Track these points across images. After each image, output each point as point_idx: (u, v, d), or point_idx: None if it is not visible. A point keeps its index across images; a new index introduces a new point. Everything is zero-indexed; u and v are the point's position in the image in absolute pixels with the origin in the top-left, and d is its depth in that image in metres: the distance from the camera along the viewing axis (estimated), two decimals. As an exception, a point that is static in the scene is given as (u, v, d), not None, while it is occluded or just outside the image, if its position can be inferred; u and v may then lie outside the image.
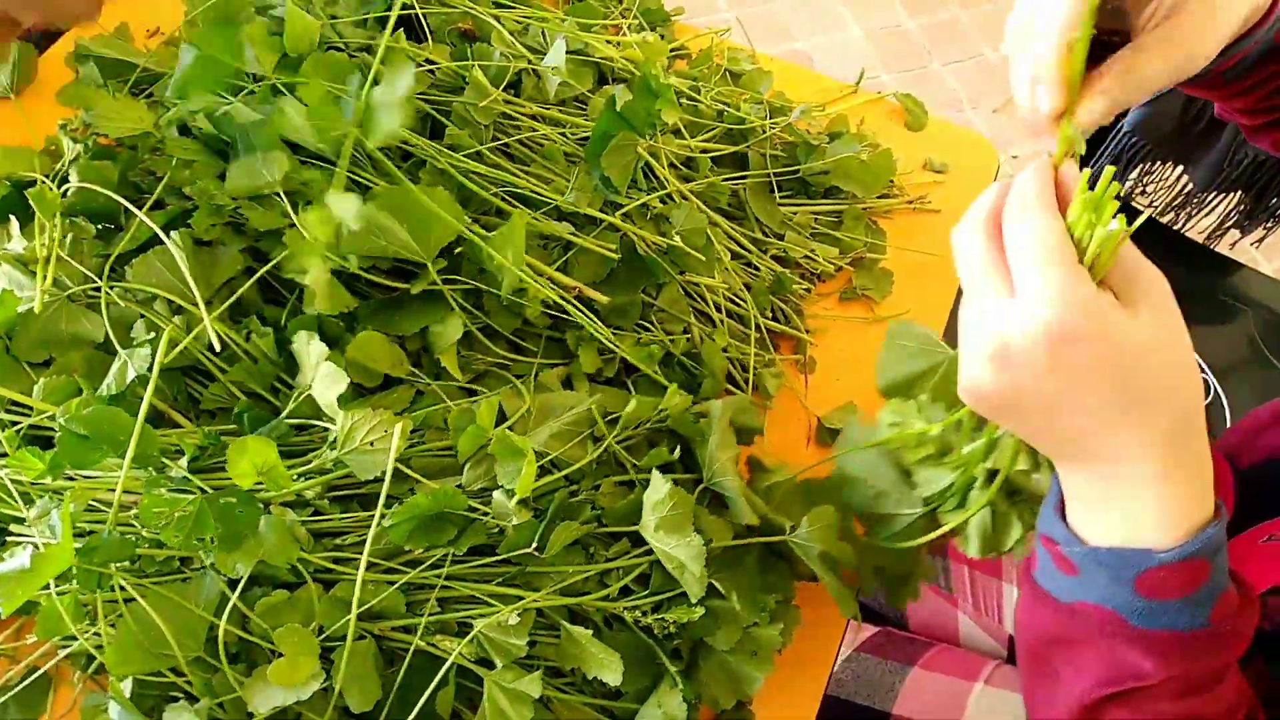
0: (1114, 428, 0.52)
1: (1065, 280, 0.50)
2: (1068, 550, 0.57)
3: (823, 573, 0.77)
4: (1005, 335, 0.51)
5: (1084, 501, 0.56)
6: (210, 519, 0.70)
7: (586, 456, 0.79)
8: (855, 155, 1.06)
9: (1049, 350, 0.50)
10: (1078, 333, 0.49)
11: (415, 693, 0.73)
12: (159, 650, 0.70)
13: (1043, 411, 0.53)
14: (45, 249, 0.82)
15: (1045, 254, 0.51)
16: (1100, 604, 0.55)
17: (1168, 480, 0.53)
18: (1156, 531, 0.53)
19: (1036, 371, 0.51)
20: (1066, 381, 0.51)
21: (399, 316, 0.83)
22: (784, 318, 1.00)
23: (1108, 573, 0.54)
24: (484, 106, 0.91)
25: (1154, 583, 0.53)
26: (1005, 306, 0.51)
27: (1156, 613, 0.54)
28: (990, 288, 0.53)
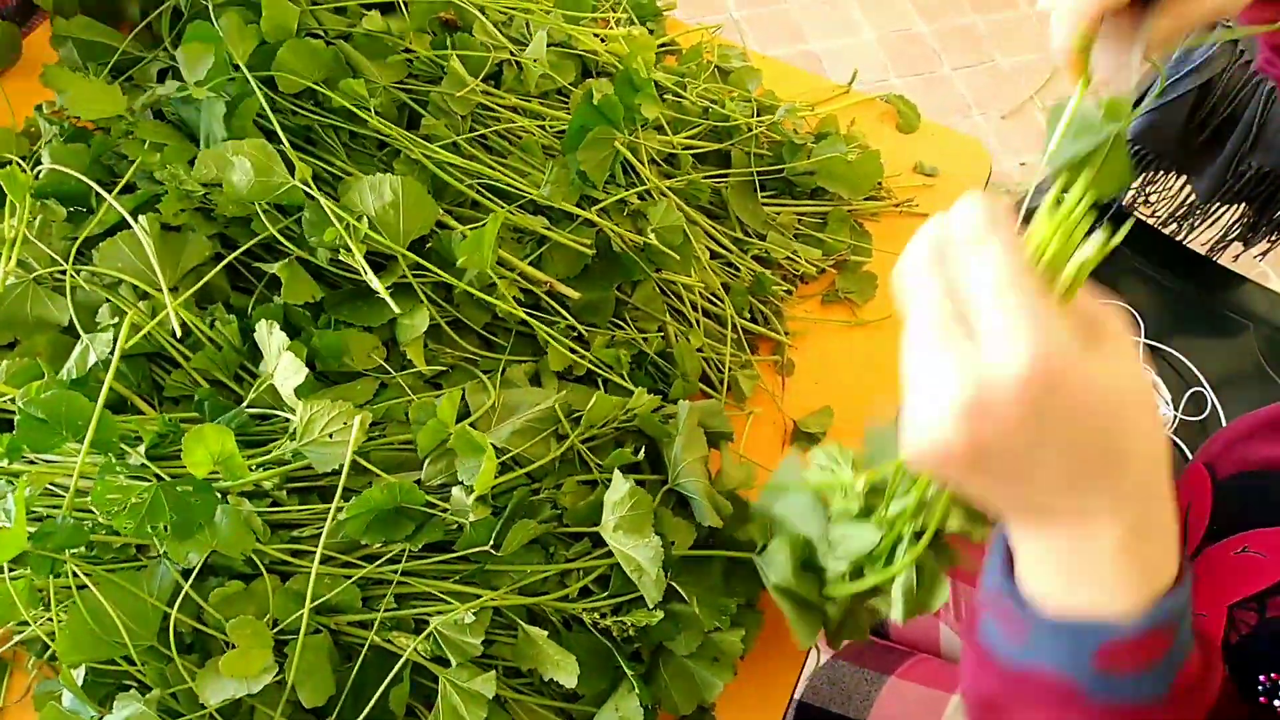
0: (1087, 484, 0.48)
1: (1038, 320, 0.44)
2: (1022, 614, 0.52)
3: (781, 601, 0.74)
4: (977, 385, 0.45)
5: (1041, 566, 0.52)
6: (165, 507, 0.69)
7: (549, 455, 0.78)
8: (842, 156, 1.05)
9: (1029, 400, 0.44)
10: (1056, 380, 0.44)
11: (369, 689, 0.72)
12: (111, 638, 0.69)
13: (1013, 470, 0.47)
14: (13, 230, 0.81)
15: (1011, 290, 0.45)
16: (1054, 672, 0.51)
17: (1136, 542, 0.49)
18: (1121, 600, 0.49)
19: (1009, 426, 0.45)
20: (1042, 434, 0.45)
21: (366, 307, 0.82)
22: (763, 319, 0.99)
23: (1060, 643, 0.51)
24: (461, 97, 0.90)
25: (1114, 656, 0.49)
26: (972, 353, 0.45)
27: (1116, 685, 0.50)
28: (950, 334, 0.46)
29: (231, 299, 0.84)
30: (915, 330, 0.48)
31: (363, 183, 0.80)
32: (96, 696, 0.72)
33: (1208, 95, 1.50)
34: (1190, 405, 1.55)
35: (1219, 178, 1.59)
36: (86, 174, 0.84)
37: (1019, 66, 2.82)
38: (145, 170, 0.84)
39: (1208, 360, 1.59)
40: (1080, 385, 0.45)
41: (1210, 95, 1.50)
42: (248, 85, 0.84)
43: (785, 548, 0.71)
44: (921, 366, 0.47)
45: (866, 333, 1.02)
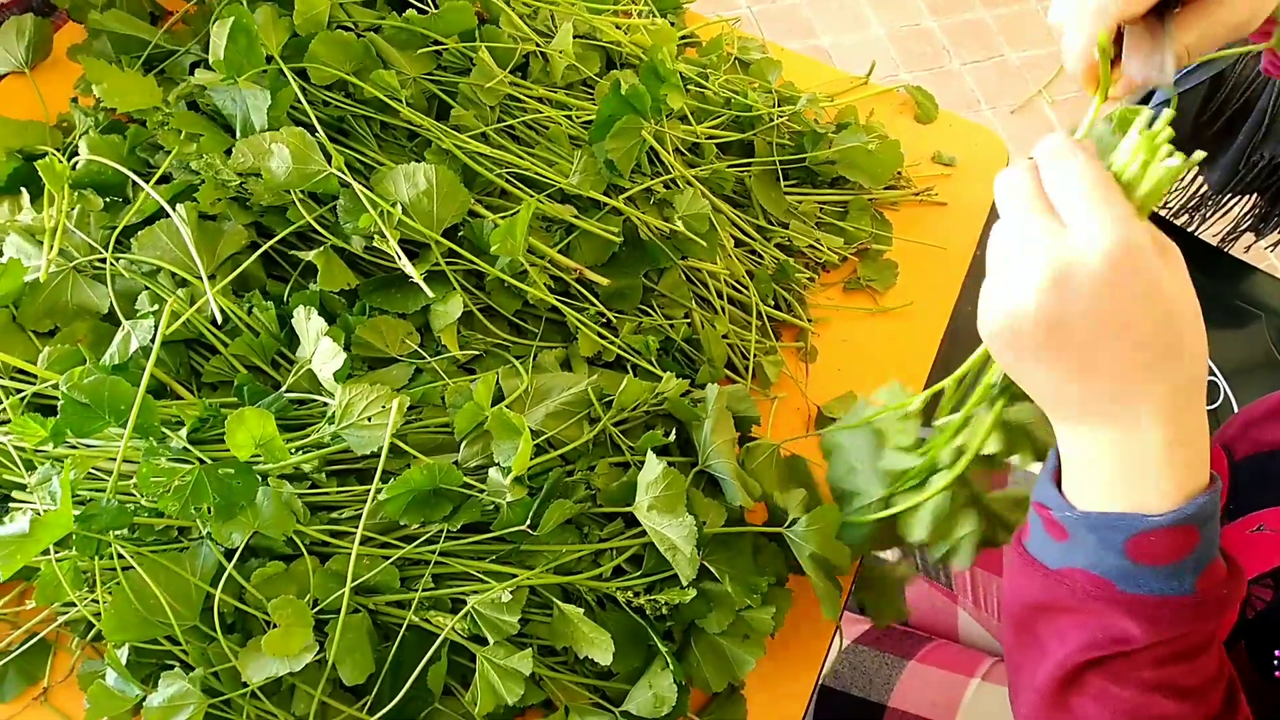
0: (1147, 374, 0.52)
1: (1122, 213, 0.50)
2: (1059, 515, 0.57)
3: (812, 571, 0.77)
4: (1064, 259, 0.50)
5: (1087, 467, 0.56)
6: (208, 489, 0.71)
7: (582, 436, 0.79)
8: (863, 145, 1.06)
9: (1110, 276, 0.49)
10: (1138, 263, 0.49)
11: (407, 667, 0.73)
12: (155, 618, 0.71)
13: (1084, 348, 0.51)
14: (53, 220, 0.82)
15: (1097, 189, 0.51)
16: (1088, 569, 0.56)
17: (1174, 445, 0.53)
18: (1156, 496, 0.53)
19: (1091, 298, 0.50)
20: (1117, 313, 0.50)
21: (400, 294, 0.84)
22: (786, 306, 1.00)
23: (1097, 537, 0.55)
24: (490, 88, 0.92)
25: (1143, 547, 0.53)
26: (1061, 234, 0.51)
27: (1144, 577, 0.54)
28: (1041, 218, 0.52)
29: (268, 286, 0.86)
30: (1006, 216, 0.54)
31: (397, 171, 0.81)
32: (140, 675, 0.73)
33: (1220, 87, 1.51)
34: (1203, 394, 1.55)
35: (1231, 169, 1.60)
36: (123, 165, 0.85)
37: (1028, 61, 2.83)
38: (181, 160, 0.86)
39: (1220, 350, 1.60)
40: (1153, 276, 0.50)
41: (1222, 87, 1.51)
42: (281, 77, 0.85)
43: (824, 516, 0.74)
44: (1009, 244, 0.53)
45: (888, 320, 1.03)
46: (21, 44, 1.06)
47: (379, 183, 0.82)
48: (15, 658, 0.78)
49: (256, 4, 0.88)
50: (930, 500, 0.69)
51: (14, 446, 0.77)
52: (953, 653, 1.10)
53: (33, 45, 1.06)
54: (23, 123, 0.98)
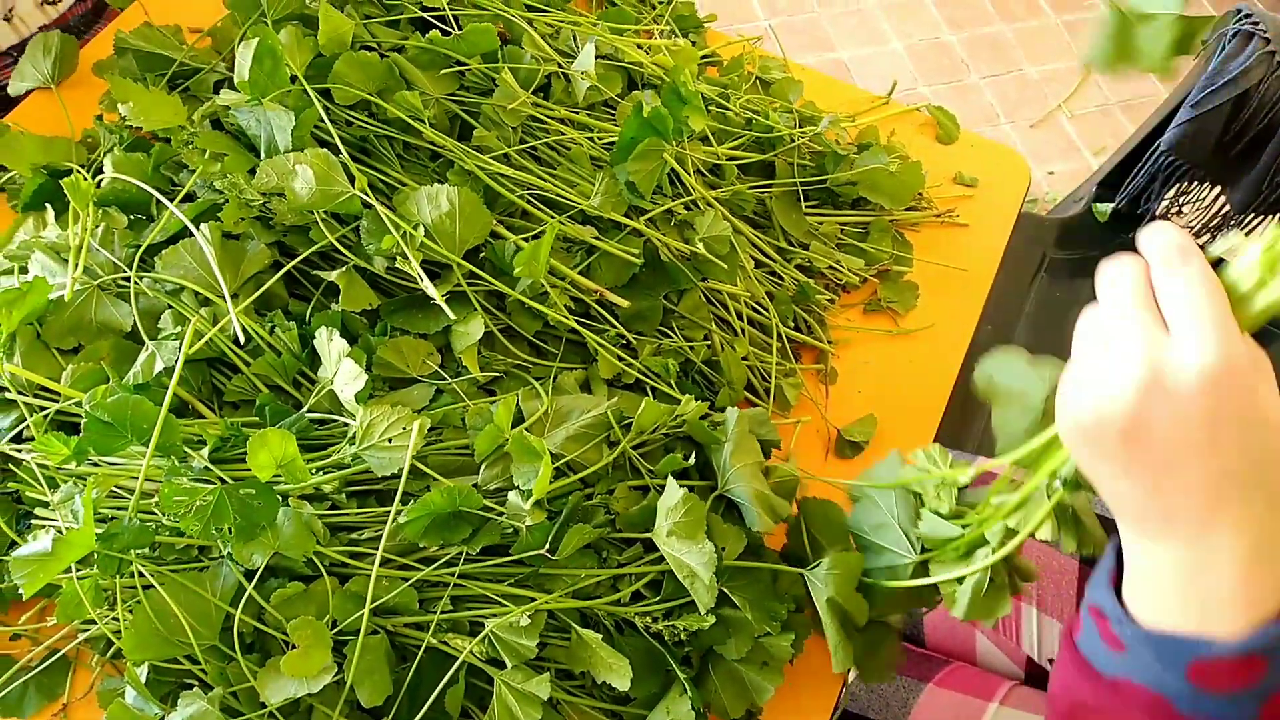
0: (1226, 503, 0.50)
1: (1231, 330, 0.49)
2: (1118, 629, 0.55)
3: (828, 618, 0.76)
4: (1161, 365, 0.49)
5: (1154, 578, 0.54)
6: (229, 509, 0.71)
7: (602, 460, 0.79)
8: (884, 167, 1.06)
9: (1205, 392, 0.48)
10: (1237, 385, 0.48)
11: (425, 689, 0.73)
12: (175, 637, 0.71)
13: (1165, 459, 0.50)
14: (78, 238, 0.83)
15: (1210, 299, 0.49)
16: (1147, 685, 0.53)
17: (1250, 570, 0.51)
18: (1225, 622, 0.51)
19: (1183, 411, 0.49)
20: (1206, 432, 0.49)
21: (421, 315, 0.84)
22: (807, 328, 1.00)
23: (1159, 656, 0.52)
24: (512, 109, 0.92)
25: (1207, 673, 0.51)
26: (1164, 339, 0.50)
27: (1206, 703, 0.52)
28: (1145, 317, 0.50)
29: (290, 306, 0.86)
30: (1107, 307, 0.52)
31: (420, 193, 0.82)
32: (159, 694, 0.73)
33: (1244, 106, 1.50)
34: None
35: (1254, 189, 1.59)
36: (147, 183, 0.86)
37: (1047, 75, 2.82)
38: (205, 179, 0.86)
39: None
40: (1251, 398, 0.48)
41: (1247, 106, 1.50)
42: (304, 97, 0.86)
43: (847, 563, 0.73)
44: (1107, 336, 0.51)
45: (909, 342, 1.03)
46: (48, 60, 1.07)
47: (402, 204, 0.82)
48: (36, 674, 0.78)
49: (282, 24, 0.89)
50: (972, 578, 0.68)
51: (37, 464, 0.77)
52: (971, 676, 1.09)
53: (59, 61, 1.07)
54: (49, 139, 0.99)
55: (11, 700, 0.78)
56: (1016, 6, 2.99)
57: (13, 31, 1.22)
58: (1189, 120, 1.54)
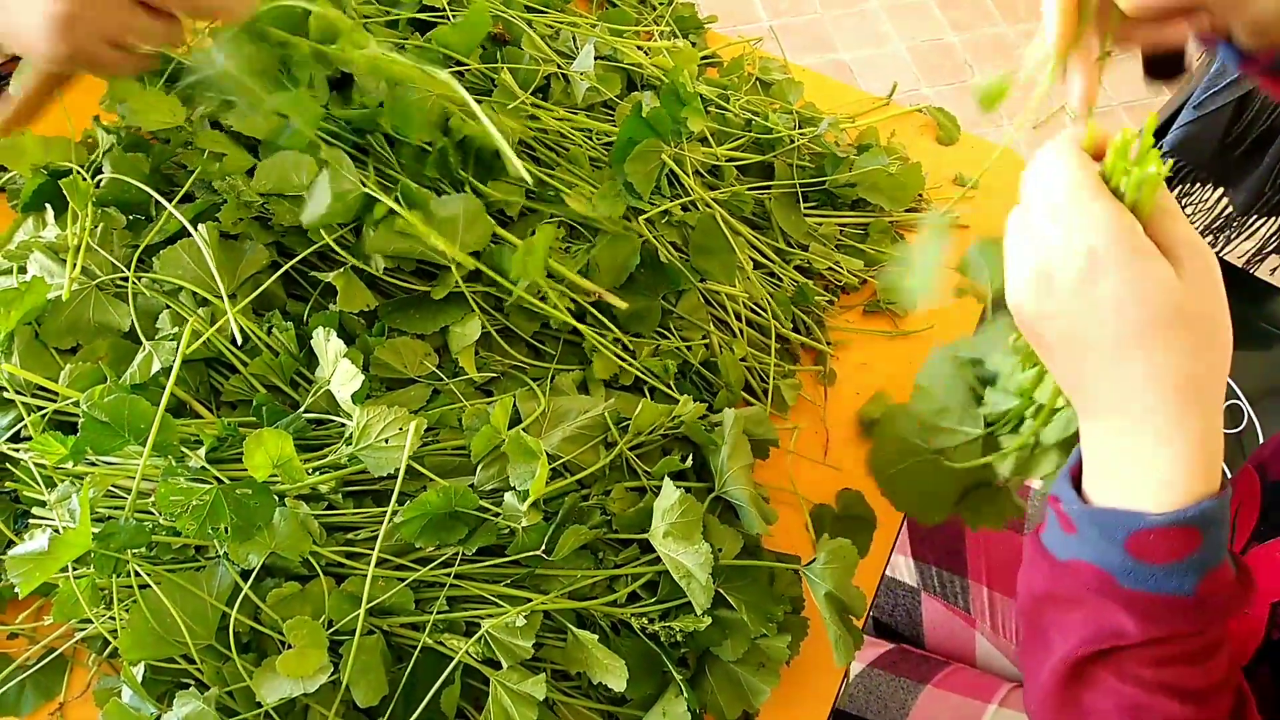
0: (1122, 366, 0.53)
1: (1102, 209, 0.52)
2: (1067, 508, 0.58)
3: (827, 612, 0.76)
4: (1043, 257, 0.54)
5: (1094, 459, 0.57)
6: (225, 509, 0.71)
7: (599, 461, 0.79)
8: (883, 168, 1.06)
9: (1080, 276, 0.52)
10: (1109, 261, 0.51)
11: (421, 690, 0.73)
12: (172, 637, 0.71)
13: (1067, 340, 0.55)
14: (76, 238, 0.83)
15: (1076, 190, 0.53)
16: (1092, 562, 0.56)
17: (1173, 443, 0.53)
18: (1156, 495, 0.54)
19: (1064, 296, 0.53)
20: (1089, 307, 0.52)
21: (419, 315, 0.84)
22: (805, 329, 1.00)
23: (1101, 531, 0.55)
24: (511, 109, 0.92)
25: (1143, 544, 0.54)
26: (1048, 229, 0.54)
27: (1144, 574, 0.54)
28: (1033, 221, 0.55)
29: (288, 306, 0.86)
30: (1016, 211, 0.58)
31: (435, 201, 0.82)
32: (155, 694, 0.73)
33: (1246, 107, 1.50)
34: (1226, 417, 1.54)
35: (1256, 190, 1.58)
36: (146, 183, 0.86)
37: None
38: (204, 180, 0.86)
39: (1244, 373, 1.59)
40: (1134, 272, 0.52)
41: (1249, 108, 1.50)
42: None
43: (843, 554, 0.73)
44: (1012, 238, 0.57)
45: (908, 343, 1.03)
46: (49, 60, 1.07)
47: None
48: (33, 673, 0.78)
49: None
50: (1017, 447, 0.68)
51: (34, 463, 0.78)
52: (970, 677, 1.09)
53: (60, 62, 1.07)
54: (48, 139, 0.98)
55: (9, 699, 0.78)
56: (1020, 7, 2.98)
57: None
58: (1191, 121, 1.54)
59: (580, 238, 0.91)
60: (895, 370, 1.01)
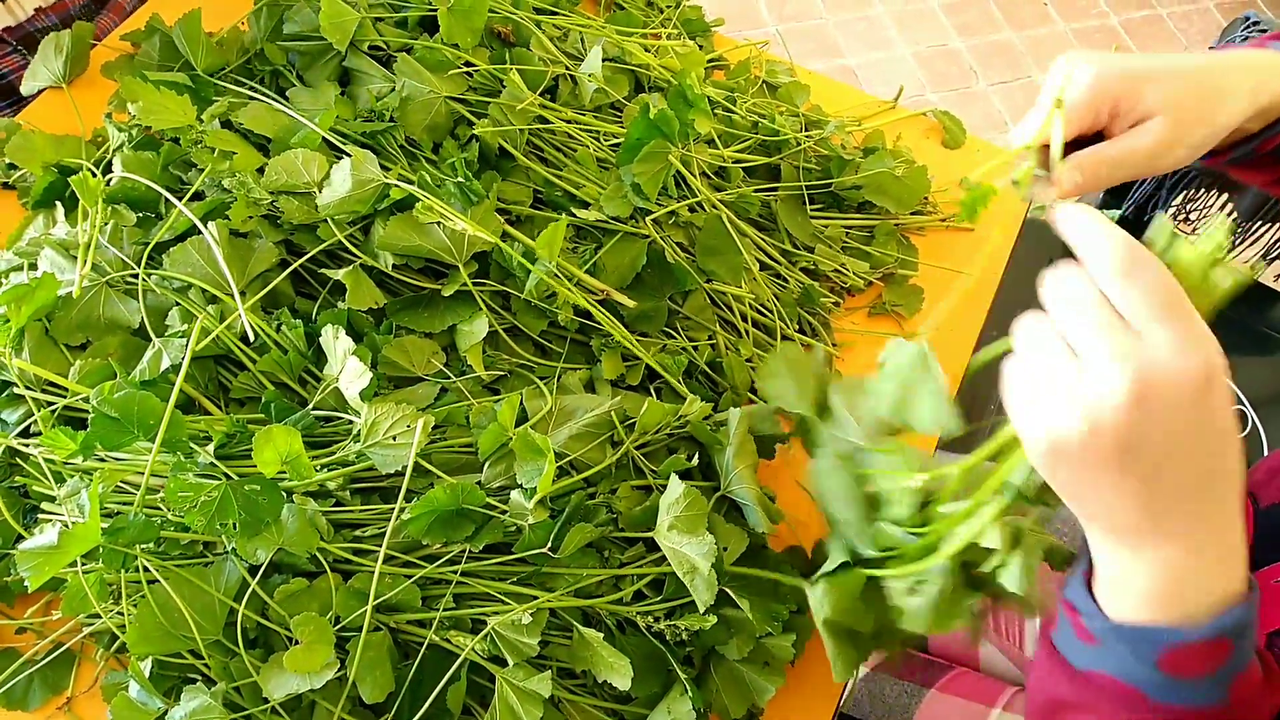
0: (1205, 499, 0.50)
1: (1204, 327, 0.48)
2: (1089, 623, 0.55)
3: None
4: (1153, 372, 0.47)
5: (1126, 577, 0.54)
6: (234, 505, 0.71)
7: (605, 460, 0.80)
8: (889, 171, 1.06)
9: (1198, 394, 0.47)
10: (1217, 380, 0.47)
11: (427, 686, 0.73)
12: (179, 632, 0.71)
13: (1157, 468, 0.49)
14: (86, 235, 0.83)
15: (1179, 300, 0.48)
16: (1117, 676, 0.54)
17: (1221, 562, 0.52)
18: (1198, 611, 0.52)
19: (1177, 416, 0.47)
20: (1197, 427, 0.47)
21: (427, 314, 0.84)
22: (811, 331, 1.00)
23: (1130, 648, 0.53)
24: (519, 110, 0.92)
25: (1177, 660, 0.52)
26: (1142, 346, 0.47)
27: (1175, 689, 0.52)
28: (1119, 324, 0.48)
29: (296, 304, 0.86)
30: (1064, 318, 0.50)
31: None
32: (162, 689, 0.74)
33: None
34: (1230, 423, 1.54)
35: (1261, 196, 1.58)
36: (156, 181, 0.86)
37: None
38: (214, 178, 0.87)
39: (1248, 379, 1.59)
40: (1227, 395, 0.48)
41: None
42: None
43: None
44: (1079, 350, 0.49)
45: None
46: (59, 59, 1.08)
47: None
48: (41, 667, 0.79)
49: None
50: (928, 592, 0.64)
51: (44, 459, 0.78)
52: (974, 682, 1.09)
53: (70, 60, 1.08)
54: (59, 137, 0.99)
55: (16, 693, 0.78)
56: (1025, 14, 2.99)
57: (8, 14, 1.22)
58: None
59: (588, 238, 0.91)
60: (900, 372, 1.01)
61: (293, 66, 0.98)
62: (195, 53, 0.97)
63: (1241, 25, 1.47)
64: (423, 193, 0.81)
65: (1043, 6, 3.01)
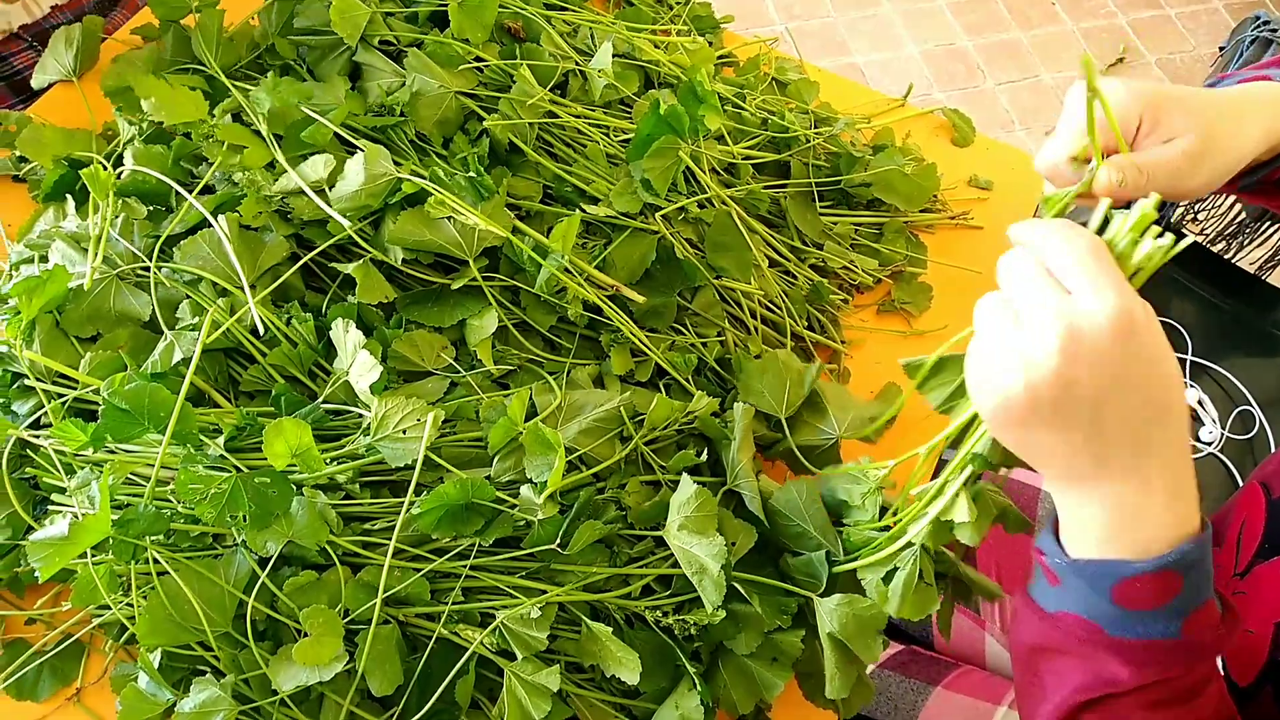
0: (1149, 436, 0.54)
1: (1122, 281, 0.53)
2: (1051, 562, 0.59)
3: (828, 648, 0.74)
4: (1077, 321, 0.51)
5: (1087, 522, 0.57)
6: (244, 497, 0.71)
7: (614, 455, 0.80)
8: (899, 168, 1.06)
9: (1118, 336, 0.51)
10: (1140, 326, 0.52)
11: (436, 680, 0.73)
12: (189, 624, 0.71)
13: (1095, 410, 0.53)
14: (97, 227, 0.84)
15: (1100, 257, 0.53)
16: (1080, 613, 0.58)
17: (1172, 497, 0.55)
18: (1149, 545, 0.55)
19: (1103, 358, 0.51)
20: (1126, 370, 0.52)
21: (437, 308, 0.85)
22: (820, 327, 1.00)
23: (1086, 582, 0.57)
24: (530, 105, 0.92)
25: (1128, 592, 0.55)
26: (1069, 300, 0.52)
27: (1130, 621, 0.56)
28: (1049, 283, 0.53)
29: (306, 298, 0.86)
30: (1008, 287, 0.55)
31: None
32: (172, 680, 0.74)
33: (1261, 113, 1.50)
34: (1237, 423, 1.54)
35: (1270, 197, 1.58)
36: (167, 175, 0.87)
37: (1062, 82, 2.82)
38: (224, 172, 0.87)
39: (1256, 379, 1.59)
40: (1153, 337, 0.52)
41: (1263, 113, 1.49)
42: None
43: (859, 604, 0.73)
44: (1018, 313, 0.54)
45: (922, 343, 1.03)
46: (70, 53, 1.08)
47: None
48: (50, 658, 0.79)
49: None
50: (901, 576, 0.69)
51: (54, 450, 0.78)
52: (980, 679, 1.09)
53: (81, 54, 1.08)
54: (69, 131, 1.00)
55: (26, 683, 0.78)
56: (1033, 13, 2.99)
57: (25, 12, 1.22)
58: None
59: (597, 234, 0.91)
60: (909, 370, 1.01)
61: (303, 61, 0.98)
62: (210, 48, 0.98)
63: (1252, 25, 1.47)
64: (435, 187, 0.81)
65: (1050, 6, 3.01)
